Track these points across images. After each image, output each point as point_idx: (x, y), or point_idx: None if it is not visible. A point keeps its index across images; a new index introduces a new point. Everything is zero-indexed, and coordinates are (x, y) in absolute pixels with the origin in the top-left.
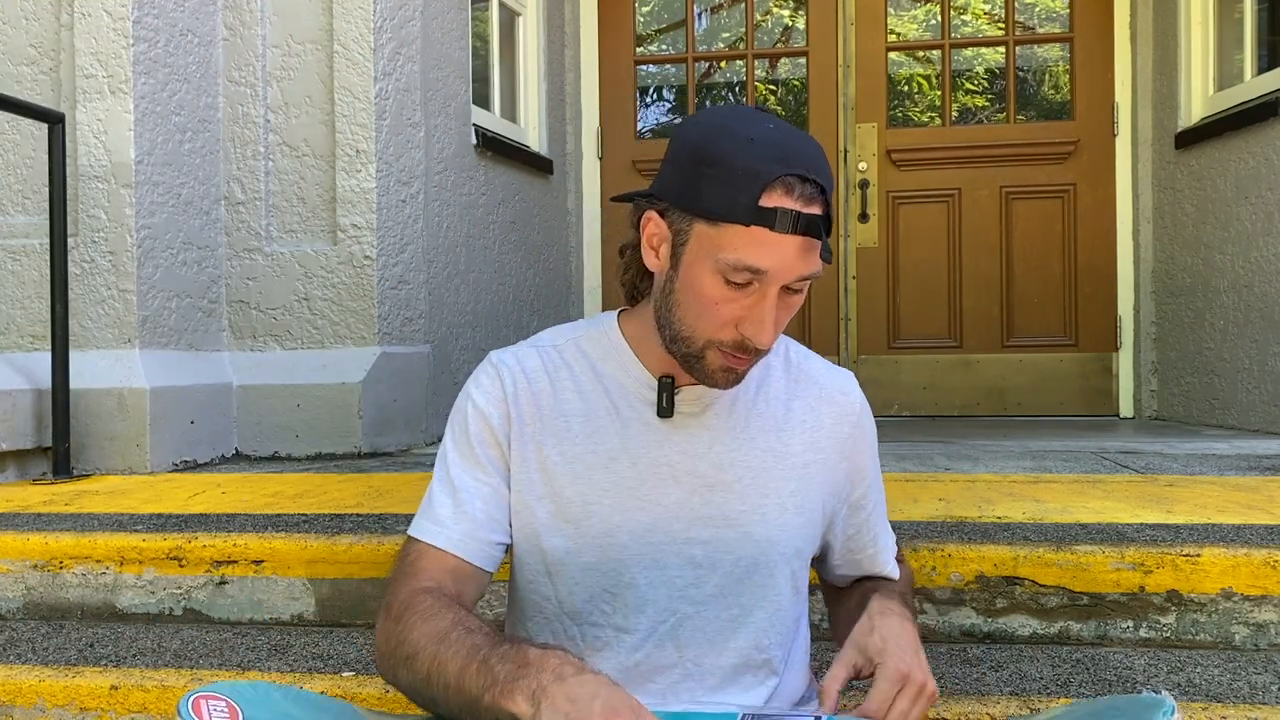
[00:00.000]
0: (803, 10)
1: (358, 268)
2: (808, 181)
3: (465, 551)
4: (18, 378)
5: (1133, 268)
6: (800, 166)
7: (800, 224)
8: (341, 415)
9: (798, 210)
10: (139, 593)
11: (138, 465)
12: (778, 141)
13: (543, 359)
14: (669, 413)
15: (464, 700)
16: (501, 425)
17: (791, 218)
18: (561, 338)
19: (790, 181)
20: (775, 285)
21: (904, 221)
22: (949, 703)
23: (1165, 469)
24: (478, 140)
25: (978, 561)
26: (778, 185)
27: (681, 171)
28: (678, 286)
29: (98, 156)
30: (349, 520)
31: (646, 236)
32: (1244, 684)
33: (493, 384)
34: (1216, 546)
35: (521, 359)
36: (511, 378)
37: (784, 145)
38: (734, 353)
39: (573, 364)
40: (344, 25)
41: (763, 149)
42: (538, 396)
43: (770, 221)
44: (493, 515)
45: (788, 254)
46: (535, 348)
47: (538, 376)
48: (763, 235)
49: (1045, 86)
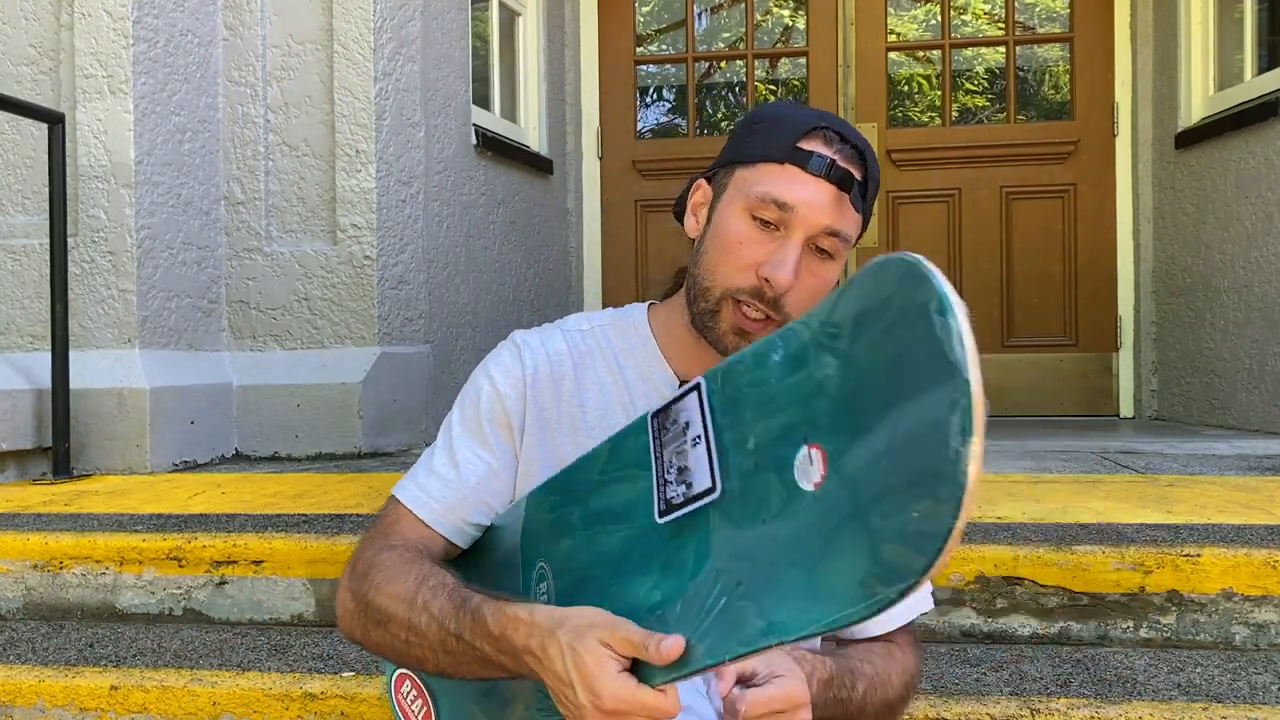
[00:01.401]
0: (803, 10)
1: (358, 268)
2: (849, 143)
3: (443, 527)
4: (18, 378)
5: (1133, 268)
6: (842, 128)
7: (834, 172)
8: (341, 415)
9: (833, 159)
10: (139, 593)
11: (138, 465)
12: (829, 114)
13: (568, 343)
14: None
15: (453, 660)
16: (516, 407)
17: (826, 163)
18: (588, 323)
19: (831, 135)
20: (800, 231)
21: (904, 221)
22: (949, 703)
23: (1165, 469)
24: (478, 140)
25: (978, 561)
26: (817, 134)
27: (734, 139)
28: (708, 235)
29: (98, 156)
30: (349, 520)
31: (692, 206)
32: (1244, 684)
33: (514, 363)
34: (1217, 547)
35: (546, 341)
36: (533, 360)
37: (834, 116)
38: (750, 302)
39: (595, 352)
40: (344, 25)
41: (811, 111)
42: (558, 382)
43: (804, 161)
44: (483, 496)
45: (817, 196)
46: (562, 330)
47: (560, 361)
48: (795, 173)
49: (1045, 86)
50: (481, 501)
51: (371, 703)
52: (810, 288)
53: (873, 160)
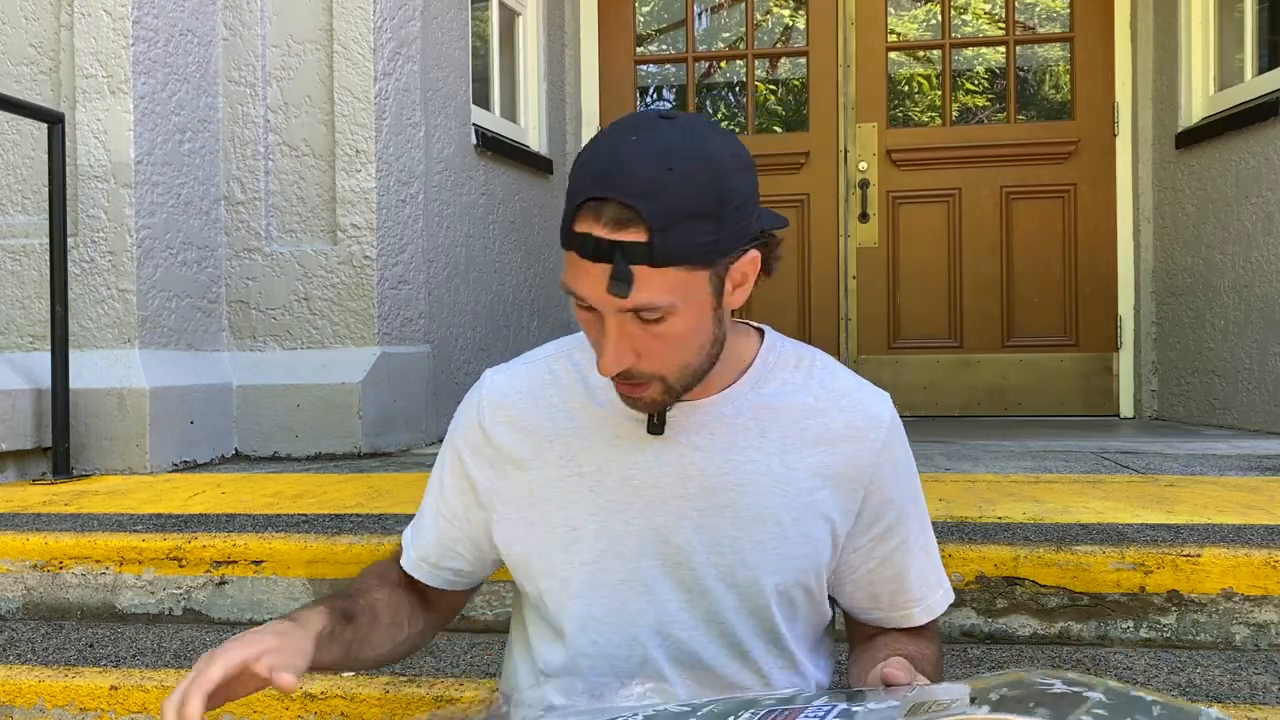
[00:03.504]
0: (803, 10)
1: (358, 268)
2: (617, 203)
3: (419, 573)
4: (18, 378)
5: (1133, 268)
6: (611, 189)
7: (602, 252)
8: (341, 415)
9: (598, 237)
10: (139, 593)
11: (137, 465)
12: (606, 157)
13: (531, 377)
14: (659, 429)
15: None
16: (473, 459)
17: (592, 243)
18: (555, 349)
19: (595, 205)
20: (609, 312)
21: (904, 221)
22: None
23: (1165, 469)
24: (478, 140)
25: (978, 561)
26: (585, 210)
27: None
28: None
29: (97, 156)
30: (349, 520)
31: None
32: (1244, 684)
33: (469, 415)
34: (1217, 547)
35: (512, 378)
36: (492, 406)
37: (607, 164)
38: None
39: (562, 378)
40: (344, 25)
41: (587, 168)
42: (518, 420)
43: (577, 247)
44: (447, 547)
45: (597, 282)
46: (527, 364)
47: (520, 400)
48: (574, 260)
49: (1045, 86)
50: (446, 550)
51: (371, 703)
52: (660, 347)
53: (664, 199)
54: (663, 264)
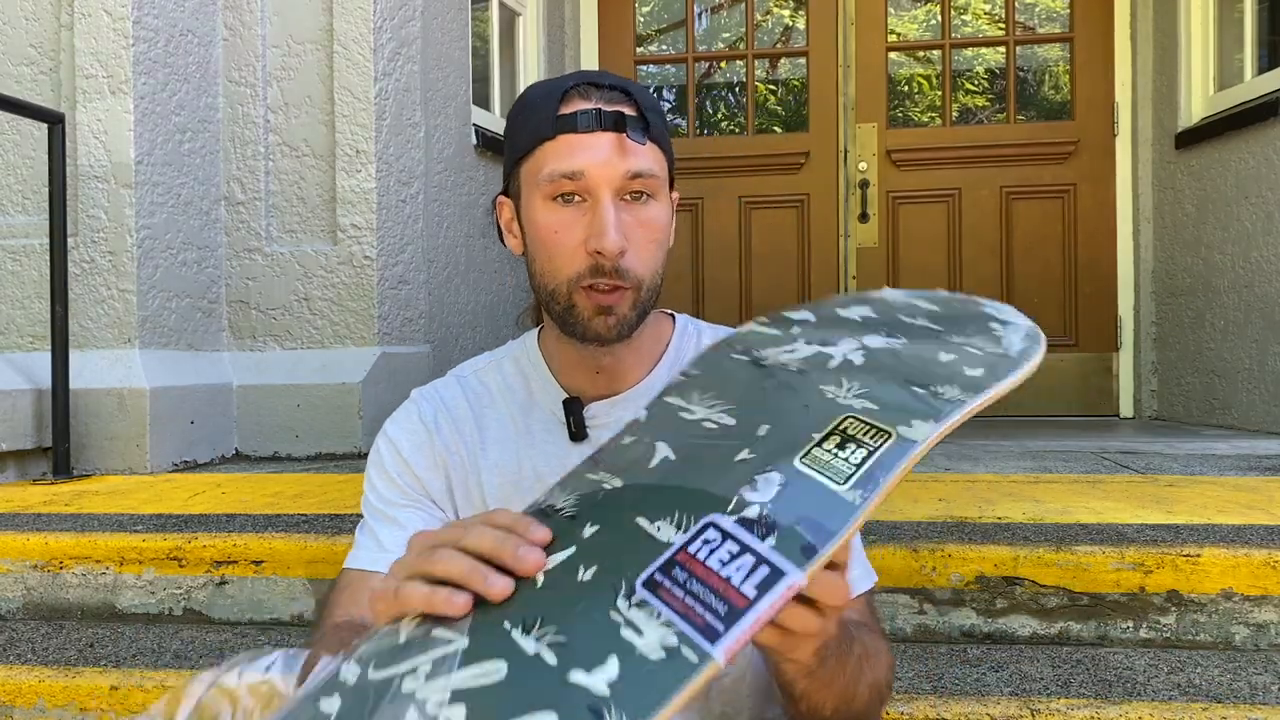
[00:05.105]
0: (803, 10)
1: (358, 268)
2: (604, 87)
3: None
4: (18, 378)
5: (1133, 268)
6: (598, 77)
7: (604, 119)
8: (341, 415)
9: (597, 108)
10: (139, 593)
11: (138, 465)
12: (577, 72)
13: (462, 386)
14: (580, 436)
15: None
16: (416, 456)
17: (593, 115)
18: (482, 361)
19: (585, 88)
20: (604, 189)
21: (904, 221)
22: (949, 703)
23: (1165, 469)
24: (478, 140)
25: (978, 561)
26: (573, 93)
27: (506, 141)
28: (529, 243)
29: (98, 156)
30: (349, 520)
31: (505, 225)
32: (1244, 684)
33: (408, 417)
34: (1217, 547)
35: (442, 390)
36: (431, 408)
37: (583, 72)
38: (594, 281)
39: (491, 386)
40: (344, 25)
41: (556, 80)
42: (459, 424)
43: (572, 124)
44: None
45: (600, 150)
46: (455, 377)
47: (456, 404)
48: (569, 139)
49: (1045, 86)
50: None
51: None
52: (643, 237)
53: (641, 92)
54: (654, 139)
